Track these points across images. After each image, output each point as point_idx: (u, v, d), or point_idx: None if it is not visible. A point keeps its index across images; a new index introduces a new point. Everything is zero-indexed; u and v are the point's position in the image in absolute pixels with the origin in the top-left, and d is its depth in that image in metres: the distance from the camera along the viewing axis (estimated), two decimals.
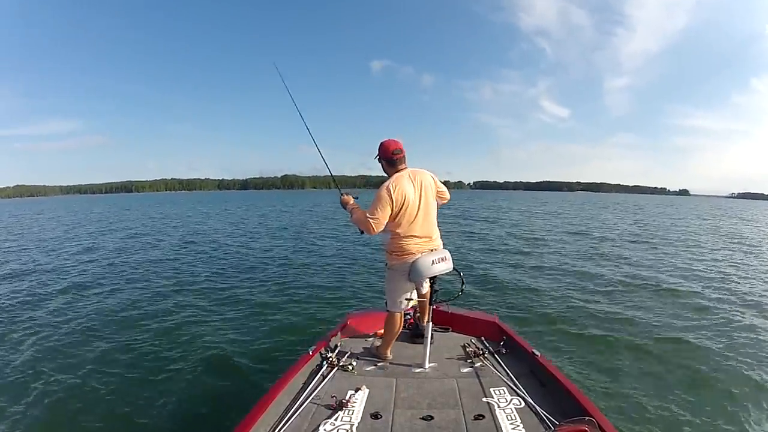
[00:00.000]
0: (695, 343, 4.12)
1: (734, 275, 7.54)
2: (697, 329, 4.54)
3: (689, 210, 35.64)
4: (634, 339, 4.21)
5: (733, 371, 3.50)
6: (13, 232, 15.96)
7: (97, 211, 30.39)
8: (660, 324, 4.70)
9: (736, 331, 4.51)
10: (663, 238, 13.09)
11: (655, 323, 4.72)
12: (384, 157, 2.23)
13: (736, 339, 4.25)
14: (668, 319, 4.86)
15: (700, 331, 4.46)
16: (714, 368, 3.56)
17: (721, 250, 10.71)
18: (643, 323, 4.71)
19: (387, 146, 2.22)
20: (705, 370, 3.53)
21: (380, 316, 2.54)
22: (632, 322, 4.76)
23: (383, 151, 2.22)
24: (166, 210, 31.08)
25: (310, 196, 78.59)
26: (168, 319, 4.85)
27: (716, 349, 3.96)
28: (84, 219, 22.81)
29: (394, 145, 2.21)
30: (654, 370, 3.52)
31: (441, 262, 2.17)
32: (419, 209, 2.17)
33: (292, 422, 1.71)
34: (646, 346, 4.01)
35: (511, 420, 1.70)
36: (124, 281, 6.89)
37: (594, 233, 14.01)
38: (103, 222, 20.31)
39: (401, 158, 2.22)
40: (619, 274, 7.47)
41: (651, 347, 4.00)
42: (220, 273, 7.53)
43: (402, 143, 2.24)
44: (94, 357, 3.78)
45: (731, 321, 4.84)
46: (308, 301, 5.59)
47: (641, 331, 4.46)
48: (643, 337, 4.26)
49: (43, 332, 4.40)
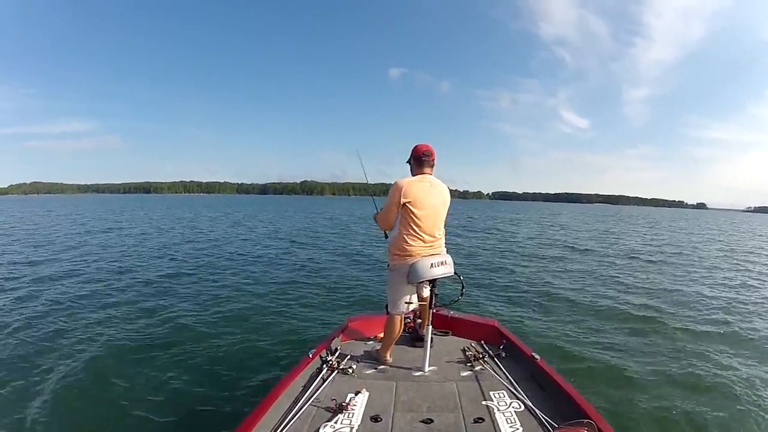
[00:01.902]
0: (696, 347, 4.13)
1: (735, 287, 7.55)
2: (698, 333, 4.55)
3: (705, 225, 34.06)
4: (633, 342, 4.22)
5: (733, 375, 3.50)
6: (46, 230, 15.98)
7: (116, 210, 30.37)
8: (660, 327, 4.71)
9: (736, 335, 4.52)
10: (673, 252, 12.61)
11: (655, 327, 4.73)
12: (413, 156, 2.30)
13: (738, 344, 4.26)
14: (668, 323, 4.87)
15: (701, 336, 4.48)
16: (714, 372, 3.56)
17: (729, 270, 9.99)
18: (642, 327, 4.72)
19: (419, 147, 2.30)
20: (705, 374, 3.53)
21: (380, 319, 2.55)
22: (631, 325, 4.77)
23: (415, 150, 2.30)
24: (203, 213, 29.66)
25: (344, 203, 73.28)
26: (167, 320, 4.84)
27: (717, 353, 3.97)
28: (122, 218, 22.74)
29: (425, 147, 2.28)
30: (653, 373, 3.51)
31: (441, 266, 2.18)
32: (428, 213, 2.20)
33: (292, 425, 1.71)
34: (646, 349, 4.02)
35: (511, 423, 1.71)
36: (125, 280, 6.89)
37: (600, 245, 13.81)
38: (114, 221, 20.34)
39: (428, 161, 2.28)
40: (619, 281, 7.49)
41: (650, 350, 4.01)
42: (221, 274, 7.53)
43: (434, 151, 2.30)
44: (93, 356, 3.77)
45: (732, 323, 4.86)
46: (309, 304, 5.59)
47: (640, 334, 4.47)
48: (642, 341, 4.26)
49: (32, 330, 4.41)
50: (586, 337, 4.31)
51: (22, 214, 25.02)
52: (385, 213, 2.27)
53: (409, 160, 2.34)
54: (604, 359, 3.76)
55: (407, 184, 2.19)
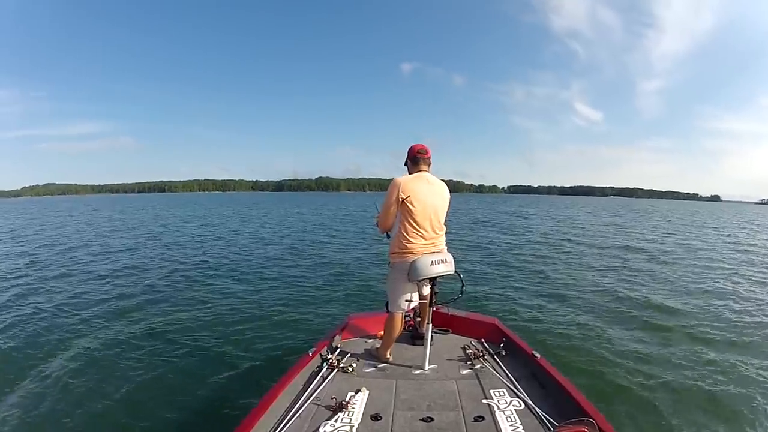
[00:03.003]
0: (697, 346, 4.11)
1: (740, 283, 7.54)
2: (699, 332, 4.53)
3: (719, 218, 31.98)
4: (633, 340, 4.21)
5: (734, 374, 3.49)
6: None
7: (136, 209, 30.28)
8: (660, 325, 4.70)
9: (737, 333, 4.50)
10: (685, 248, 11.88)
11: (656, 325, 4.72)
12: (409, 156, 2.35)
13: (739, 343, 4.24)
14: (669, 322, 4.86)
15: (703, 335, 4.46)
16: (716, 371, 3.55)
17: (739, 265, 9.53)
18: (642, 326, 4.71)
19: (414, 146, 2.35)
20: (707, 372, 3.52)
21: (380, 317, 2.55)
22: (633, 324, 4.76)
23: (410, 151, 2.35)
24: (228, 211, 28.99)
25: (359, 199, 69.77)
26: (166, 319, 4.84)
27: (718, 351, 3.96)
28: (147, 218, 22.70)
29: (420, 146, 2.34)
30: (654, 372, 3.51)
31: (441, 263, 2.18)
32: (427, 209, 2.21)
33: (292, 423, 1.71)
34: (646, 348, 4.01)
35: (511, 421, 1.71)
36: (124, 280, 6.89)
37: (608, 241, 13.36)
38: (115, 219, 20.34)
39: (424, 158, 2.33)
40: (620, 278, 7.48)
41: (650, 349, 4.00)
42: (220, 274, 7.53)
43: (429, 149, 2.36)
44: (92, 356, 3.77)
45: (733, 322, 4.85)
46: (308, 302, 5.59)
47: (643, 333, 4.46)
48: (642, 339, 4.26)
49: (27, 329, 4.41)
50: (587, 336, 4.31)
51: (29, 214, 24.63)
52: (384, 211, 2.28)
53: (406, 162, 2.39)
54: (604, 358, 3.76)
55: (405, 181, 2.22)
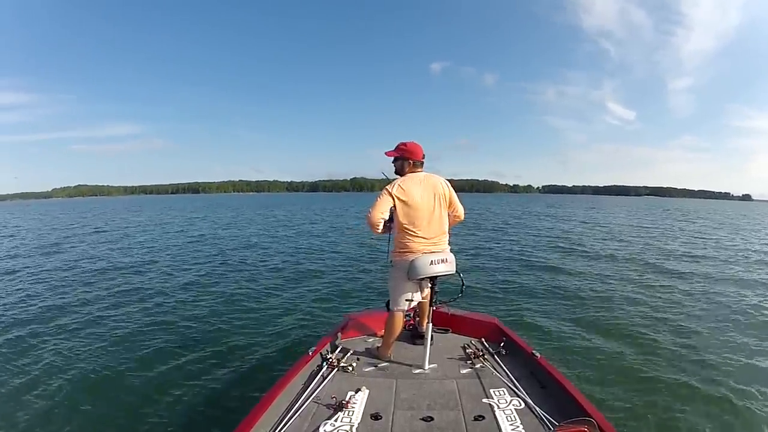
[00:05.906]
0: (698, 345, 4.11)
1: (735, 275, 7.53)
2: (699, 332, 4.53)
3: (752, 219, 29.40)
4: (634, 341, 4.21)
5: (737, 373, 3.48)
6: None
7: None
8: (662, 326, 4.69)
9: (743, 332, 4.48)
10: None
11: (657, 325, 4.71)
12: (412, 158, 2.31)
13: (742, 342, 4.22)
14: (669, 322, 4.85)
15: (703, 334, 4.45)
16: (717, 370, 3.54)
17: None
18: (643, 325, 4.70)
19: (417, 149, 2.31)
20: (708, 372, 3.51)
21: (380, 317, 2.55)
22: (633, 324, 4.75)
23: (413, 152, 2.30)
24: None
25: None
26: (166, 318, 4.85)
27: (719, 352, 3.95)
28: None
29: (422, 150, 2.32)
30: (654, 371, 3.51)
31: (441, 263, 2.17)
32: (425, 210, 2.20)
33: (292, 423, 1.71)
34: (647, 348, 4.01)
35: (511, 421, 1.71)
36: (123, 280, 6.89)
37: (623, 240, 12.95)
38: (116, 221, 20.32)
39: (416, 161, 2.31)
40: (623, 278, 7.47)
41: (652, 349, 3.99)
42: (220, 274, 7.53)
43: (421, 147, 2.34)
44: (90, 356, 3.78)
45: (735, 318, 4.84)
46: (308, 301, 5.59)
47: (642, 333, 4.45)
48: (643, 339, 4.25)
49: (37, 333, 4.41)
50: (587, 336, 4.30)
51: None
52: (372, 209, 2.17)
53: (396, 159, 2.36)
54: (604, 358, 3.76)
55: (396, 188, 2.20)
